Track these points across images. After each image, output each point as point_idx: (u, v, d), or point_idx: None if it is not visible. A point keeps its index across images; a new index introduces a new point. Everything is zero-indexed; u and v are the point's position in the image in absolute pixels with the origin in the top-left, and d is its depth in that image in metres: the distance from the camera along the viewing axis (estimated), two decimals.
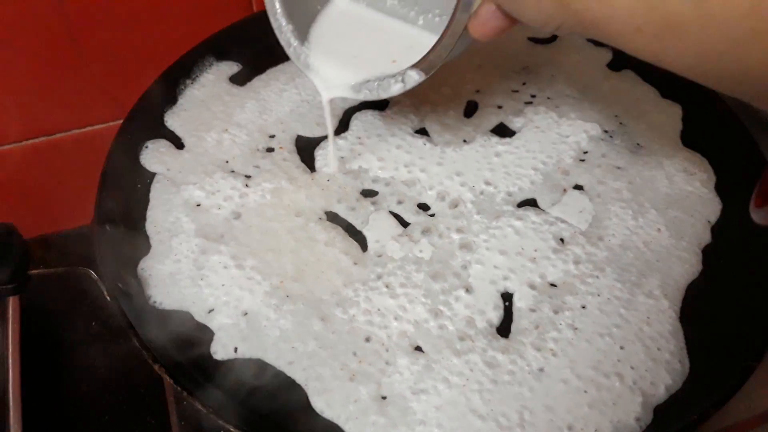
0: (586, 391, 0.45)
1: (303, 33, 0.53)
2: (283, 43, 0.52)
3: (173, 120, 0.62)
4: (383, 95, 0.48)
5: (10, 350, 0.46)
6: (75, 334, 0.75)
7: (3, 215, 0.80)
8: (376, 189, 0.57)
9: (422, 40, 0.50)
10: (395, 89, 0.47)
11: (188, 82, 0.65)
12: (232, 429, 0.41)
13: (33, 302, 0.52)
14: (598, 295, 0.50)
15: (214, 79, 0.66)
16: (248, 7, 0.76)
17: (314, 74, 0.52)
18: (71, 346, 0.74)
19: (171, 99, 0.63)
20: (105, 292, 0.47)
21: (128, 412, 0.66)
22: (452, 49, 0.44)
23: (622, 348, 0.47)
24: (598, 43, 0.70)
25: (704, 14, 0.31)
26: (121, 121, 0.80)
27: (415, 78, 0.46)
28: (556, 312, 0.49)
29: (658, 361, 0.46)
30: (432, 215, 0.55)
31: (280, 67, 0.67)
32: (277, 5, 0.51)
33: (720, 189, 0.58)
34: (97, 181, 0.56)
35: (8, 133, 0.77)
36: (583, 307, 0.49)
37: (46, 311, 0.68)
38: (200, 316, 0.48)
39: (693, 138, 0.61)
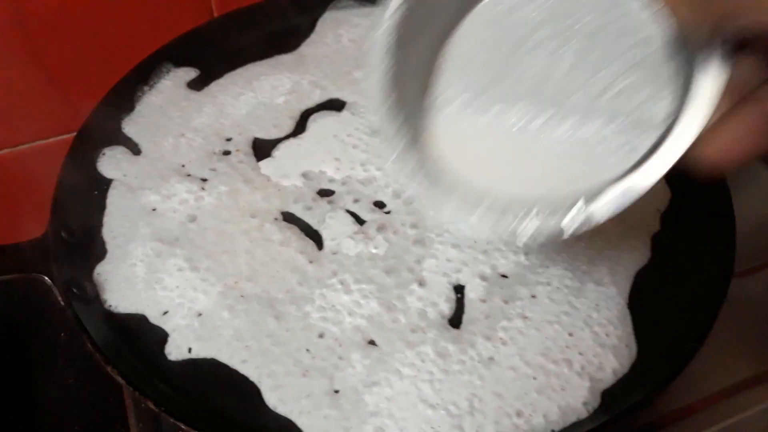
0: (534, 378, 0.45)
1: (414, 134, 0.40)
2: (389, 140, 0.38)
3: (130, 127, 0.62)
4: (537, 240, 0.36)
5: None
6: (37, 344, 0.75)
7: None
8: (332, 189, 0.58)
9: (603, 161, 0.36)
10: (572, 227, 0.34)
11: (146, 88, 0.65)
12: (185, 428, 0.41)
13: None
14: (548, 285, 0.51)
15: (171, 85, 0.66)
16: (209, 12, 0.77)
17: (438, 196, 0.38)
18: (36, 357, 0.74)
19: (128, 106, 0.64)
20: (59, 298, 0.47)
21: (95, 419, 0.66)
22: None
23: (570, 335, 0.48)
24: None
25: None
26: None
27: (593, 220, 0.34)
28: (506, 302, 0.50)
29: (605, 347, 0.47)
30: (388, 212, 0.56)
31: (238, 71, 0.68)
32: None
33: (669, 179, 0.59)
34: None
35: None
36: (533, 297, 0.50)
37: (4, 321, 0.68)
38: (155, 319, 0.49)
39: None
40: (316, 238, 0.54)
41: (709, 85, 0.28)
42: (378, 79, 0.37)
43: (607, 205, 0.33)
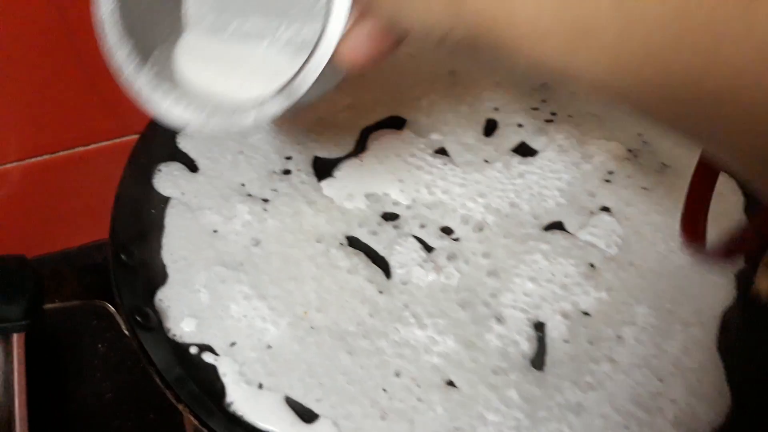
0: (626, 427, 0.43)
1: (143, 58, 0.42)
2: (118, 60, 0.41)
3: (186, 141, 0.60)
4: (235, 127, 0.39)
5: (17, 390, 0.44)
6: (74, 355, 0.73)
7: (4, 235, 0.79)
8: (397, 212, 0.55)
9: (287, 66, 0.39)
10: (247, 122, 0.38)
11: None
12: None
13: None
14: (633, 324, 0.48)
15: None
16: None
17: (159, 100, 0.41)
18: (72, 368, 0.72)
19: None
20: (123, 327, 0.44)
21: None
22: (317, 86, 0.36)
23: (660, 380, 0.45)
24: None
25: (625, 14, 0.26)
26: (125, 138, 0.79)
27: (271, 111, 0.37)
28: (591, 343, 0.47)
29: (698, 394, 0.45)
30: (456, 239, 0.54)
31: None
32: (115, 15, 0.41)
33: (749, 210, 0.56)
34: (102, 199, 0.54)
35: (8, 151, 0.75)
36: (619, 337, 0.47)
37: (54, 341, 0.66)
38: (222, 350, 0.46)
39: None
40: (383, 265, 0.52)
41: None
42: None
43: (275, 104, 0.37)
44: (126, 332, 0.45)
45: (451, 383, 0.45)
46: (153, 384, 0.43)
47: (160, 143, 0.59)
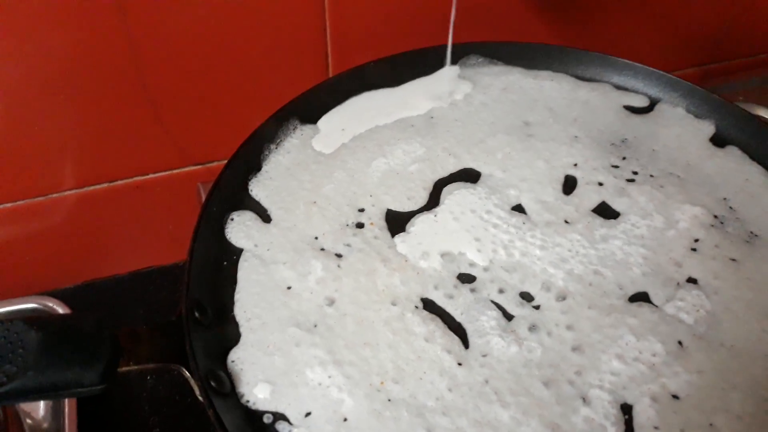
0: None
1: None
2: None
3: (258, 189, 0.59)
4: None
5: None
6: (121, 388, 0.73)
7: (58, 260, 0.79)
8: (474, 274, 0.54)
9: None
10: None
11: (272, 147, 0.61)
12: None
13: None
14: (727, 411, 0.45)
15: (299, 144, 0.63)
16: (325, 71, 0.74)
17: None
18: (119, 400, 0.71)
19: (256, 165, 0.60)
20: (197, 392, 0.43)
21: None
22: None
23: None
24: (699, 115, 0.66)
25: None
26: (184, 170, 0.78)
27: None
28: (682, 431, 0.44)
29: None
30: (537, 307, 0.52)
31: (366, 132, 0.64)
32: None
33: None
34: (156, 228, 0.53)
35: (66, 178, 0.75)
36: (711, 425, 0.45)
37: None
38: (297, 420, 0.45)
39: None
40: (460, 332, 0.50)
41: None
42: None
43: None
44: (200, 398, 0.43)
45: None
46: None
47: (231, 191, 0.58)
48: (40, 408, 0.70)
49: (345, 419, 0.45)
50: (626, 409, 0.46)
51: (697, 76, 0.96)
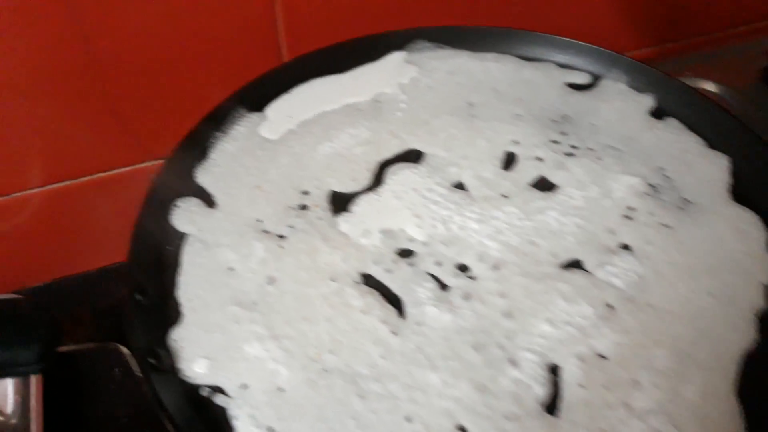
0: None
1: None
2: None
3: (204, 176, 0.60)
4: None
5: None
6: (89, 378, 0.74)
7: (25, 259, 0.80)
8: (413, 249, 0.55)
9: None
10: None
11: (219, 135, 0.63)
12: None
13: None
14: (651, 368, 0.47)
15: (245, 131, 0.64)
16: (278, 56, 0.75)
17: None
18: (87, 392, 0.73)
19: (202, 154, 0.62)
20: (135, 369, 0.45)
21: None
22: None
23: (676, 427, 0.44)
24: (639, 90, 0.68)
25: None
26: (146, 164, 0.80)
27: None
28: (606, 388, 0.46)
29: None
30: (472, 278, 0.53)
31: (313, 118, 0.66)
32: None
33: None
34: (121, 224, 0.55)
35: (30, 178, 0.77)
36: (636, 382, 0.46)
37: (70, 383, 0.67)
38: (233, 392, 0.47)
39: (743, 192, 0.59)
40: (397, 304, 0.52)
41: None
42: None
43: None
44: (138, 374, 0.45)
45: (462, 429, 0.45)
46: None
47: (178, 178, 0.59)
48: (8, 405, 0.71)
49: (281, 389, 0.47)
50: (554, 370, 0.48)
51: (654, 56, 0.98)
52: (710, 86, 0.83)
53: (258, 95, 0.67)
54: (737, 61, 0.87)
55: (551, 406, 0.46)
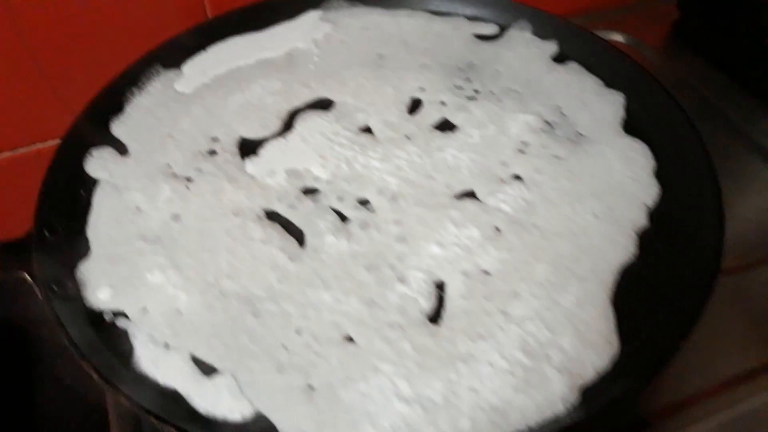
0: (512, 374, 0.45)
1: None
2: None
3: (119, 128, 0.63)
4: None
5: None
6: (37, 343, 0.76)
7: None
8: (317, 187, 0.58)
9: None
10: None
11: (135, 91, 0.65)
12: (156, 421, 0.41)
13: None
14: (531, 281, 0.50)
15: (161, 87, 0.67)
16: (203, 13, 0.77)
17: None
18: (35, 356, 0.74)
19: (118, 108, 0.64)
20: (39, 295, 0.47)
21: (92, 418, 0.67)
22: None
23: (550, 331, 0.47)
24: (543, 37, 0.71)
25: None
26: None
27: None
28: (487, 298, 0.49)
29: (586, 343, 0.47)
30: (372, 210, 0.56)
31: (228, 73, 0.68)
32: None
33: (660, 174, 0.58)
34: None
35: None
36: (515, 293, 0.49)
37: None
38: (134, 315, 0.49)
39: (635, 125, 0.62)
40: (298, 236, 0.54)
41: None
42: None
43: None
44: (43, 301, 0.47)
45: (349, 338, 0.47)
46: None
47: (93, 130, 0.62)
48: None
49: (178, 312, 0.49)
50: (440, 286, 0.51)
51: (568, 12, 1.00)
52: (623, 39, 0.86)
53: (175, 53, 0.69)
54: (650, 15, 0.90)
55: (435, 317, 0.49)
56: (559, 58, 0.69)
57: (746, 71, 0.80)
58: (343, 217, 0.55)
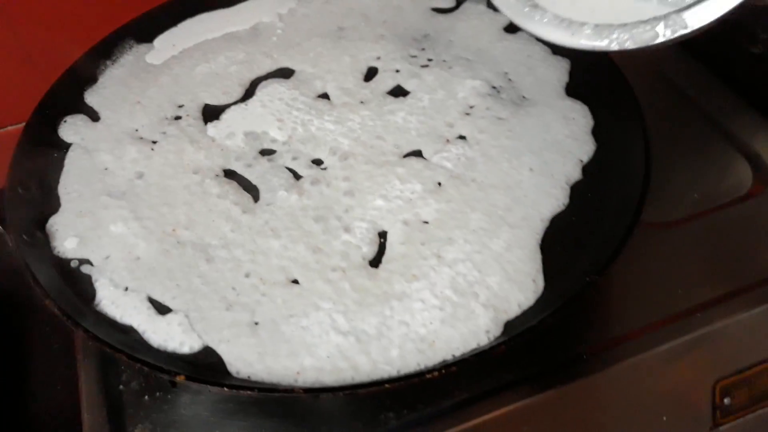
0: (441, 309, 0.49)
1: None
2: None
3: (92, 97, 0.67)
4: (633, 45, 0.38)
5: None
6: (27, 317, 0.79)
7: None
8: (274, 148, 0.62)
9: None
10: (655, 36, 0.36)
11: (108, 63, 0.70)
12: (110, 351, 0.45)
13: None
14: (465, 228, 0.54)
15: (133, 59, 0.71)
16: None
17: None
18: (26, 330, 0.78)
19: (92, 79, 0.68)
20: (11, 244, 0.51)
21: None
22: None
23: (480, 271, 0.51)
24: (497, 9, 0.74)
25: None
26: None
27: (688, 23, 0.35)
28: (423, 244, 0.53)
29: (513, 281, 0.50)
30: (324, 168, 0.60)
31: (196, 45, 0.72)
32: None
33: (596, 132, 0.62)
34: None
35: None
36: (450, 239, 0.53)
37: None
38: (98, 262, 0.53)
39: (576, 89, 0.66)
40: (253, 191, 0.58)
41: None
42: None
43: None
44: (14, 250, 0.52)
45: (295, 281, 0.52)
46: None
47: (67, 99, 0.66)
48: None
49: (138, 258, 0.53)
50: (382, 234, 0.55)
51: None
52: None
53: (148, 28, 0.74)
54: None
55: (375, 261, 0.53)
56: (511, 29, 0.73)
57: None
58: (296, 175, 0.59)
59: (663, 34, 0.36)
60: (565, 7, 0.43)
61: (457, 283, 0.50)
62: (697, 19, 0.35)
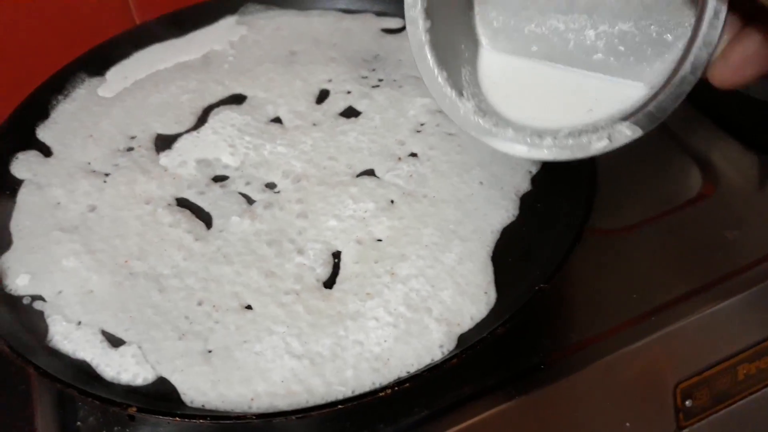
0: (395, 326, 0.49)
1: (456, 83, 0.42)
2: (435, 95, 0.43)
3: (44, 132, 0.67)
4: (580, 155, 0.39)
5: None
6: None
7: None
8: (227, 174, 0.62)
9: (625, 89, 0.40)
10: (598, 147, 0.38)
11: (60, 97, 0.70)
12: (64, 389, 0.45)
13: None
14: (417, 244, 0.54)
15: (85, 93, 0.71)
16: (131, 19, 0.82)
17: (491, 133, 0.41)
18: None
19: (43, 114, 0.68)
20: None
21: None
22: (680, 99, 0.35)
23: (432, 286, 0.51)
24: None
25: None
26: None
27: (627, 134, 0.37)
28: (376, 261, 0.53)
29: (465, 295, 0.51)
30: (277, 192, 0.60)
31: (147, 77, 0.72)
32: (428, 53, 0.42)
33: None
34: None
35: None
36: (402, 255, 0.54)
37: None
38: (50, 297, 0.53)
39: None
40: (206, 218, 0.58)
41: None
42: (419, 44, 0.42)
43: (630, 129, 0.37)
44: None
45: (248, 306, 0.52)
46: None
47: (19, 135, 0.66)
48: None
49: (90, 291, 0.53)
50: (336, 255, 0.55)
51: None
52: None
53: (99, 61, 0.74)
54: None
55: (329, 282, 0.53)
56: None
57: None
58: (250, 200, 0.60)
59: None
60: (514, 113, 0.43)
61: (411, 299, 0.51)
62: (632, 131, 0.37)
